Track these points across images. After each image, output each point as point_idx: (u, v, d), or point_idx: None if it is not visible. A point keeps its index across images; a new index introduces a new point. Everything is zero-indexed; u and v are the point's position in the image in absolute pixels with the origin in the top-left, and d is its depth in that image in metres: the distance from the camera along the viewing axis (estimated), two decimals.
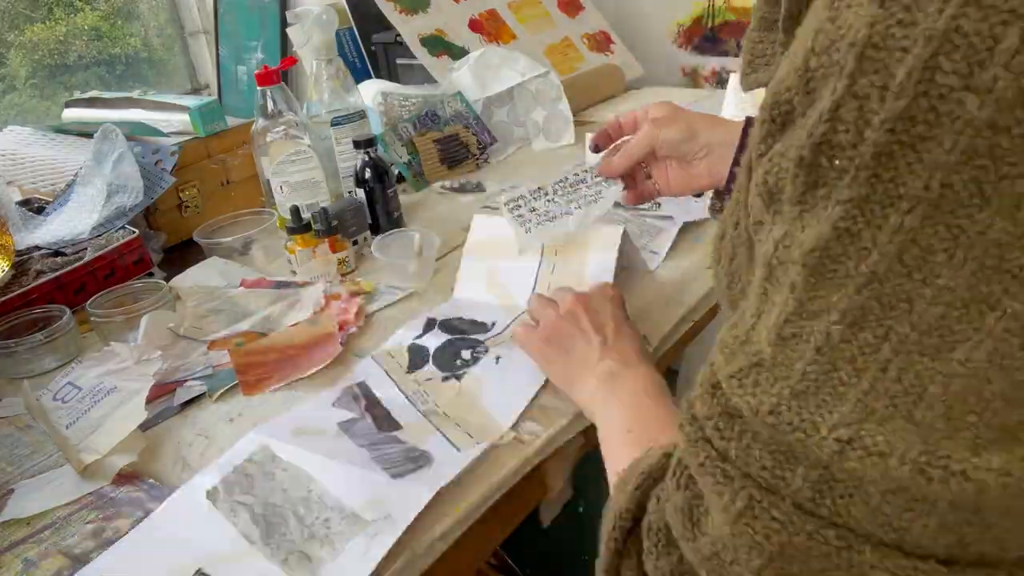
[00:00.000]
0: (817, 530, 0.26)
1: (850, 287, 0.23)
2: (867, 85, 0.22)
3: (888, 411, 0.24)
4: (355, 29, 1.60)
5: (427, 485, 0.59)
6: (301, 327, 0.86)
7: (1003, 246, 0.21)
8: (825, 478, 0.25)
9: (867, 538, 0.26)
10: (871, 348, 0.24)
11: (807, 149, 0.24)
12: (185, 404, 0.77)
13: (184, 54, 1.85)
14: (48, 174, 1.19)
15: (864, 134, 0.22)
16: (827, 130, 0.23)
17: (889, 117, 0.21)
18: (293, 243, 0.98)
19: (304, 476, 0.62)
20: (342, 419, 0.69)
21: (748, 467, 0.27)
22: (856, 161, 0.22)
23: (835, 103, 0.23)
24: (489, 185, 1.25)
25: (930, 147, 0.21)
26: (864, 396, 0.24)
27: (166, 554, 0.57)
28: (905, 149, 0.21)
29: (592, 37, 1.68)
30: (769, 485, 0.27)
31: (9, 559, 0.59)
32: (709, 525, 0.29)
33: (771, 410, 0.26)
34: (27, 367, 0.85)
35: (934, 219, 0.22)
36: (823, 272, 0.24)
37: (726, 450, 0.28)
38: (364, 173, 1.05)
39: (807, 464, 0.26)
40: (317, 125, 1.14)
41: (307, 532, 0.57)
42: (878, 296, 0.23)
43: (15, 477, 0.69)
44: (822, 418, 0.25)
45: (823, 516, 0.26)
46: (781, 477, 0.26)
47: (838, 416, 0.24)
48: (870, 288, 0.23)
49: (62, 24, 1.63)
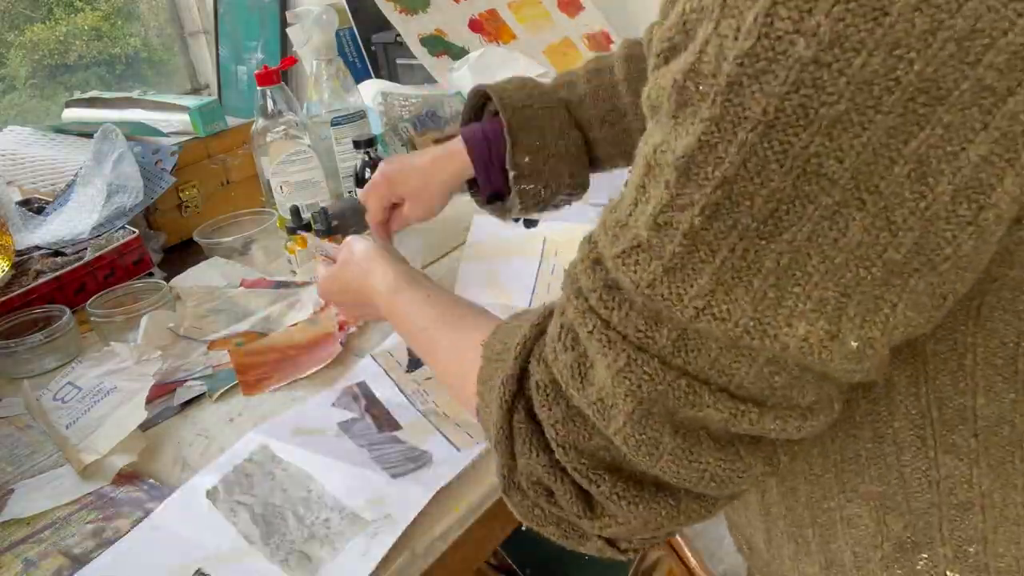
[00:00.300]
0: (674, 379, 0.34)
1: (708, 187, 0.30)
2: (726, 27, 0.28)
3: (733, 282, 0.31)
4: (355, 29, 1.60)
5: (427, 485, 0.59)
6: (301, 327, 0.86)
7: (820, 156, 0.28)
8: (682, 337, 0.33)
9: (707, 384, 0.34)
10: (722, 234, 0.30)
11: (680, 75, 0.30)
12: (185, 404, 0.77)
13: (184, 54, 1.85)
14: (48, 174, 1.19)
15: (722, 66, 0.28)
16: (695, 61, 0.29)
17: (739, 54, 0.27)
18: (293, 243, 0.98)
19: (304, 476, 0.62)
20: (342, 419, 0.69)
21: (626, 330, 0.34)
22: (714, 88, 0.28)
23: (705, 39, 0.29)
24: None
25: (768, 79, 0.27)
26: (717, 271, 0.31)
27: (166, 554, 0.57)
28: (750, 80, 0.27)
29: (592, 37, 1.68)
30: (641, 344, 0.34)
31: (9, 559, 0.59)
32: (594, 377, 0.37)
33: (648, 284, 0.33)
34: (27, 367, 0.85)
35: (769, 136, 0.28)
36: (688, 174, 0.30)
37: (608, 318, 0.35)
38: (364, 173, 1.05)
39: (669, 326, 0.33)
40: (317, 125, 1.14)
41: (307, 532, 0.57)
42: (728, 195, 0.29)
43: (15, 477, 0.69)
44: (684, 291, 0.32)
45: (678, 367, 0.34)
46: (651, 337, 0.34)
47: (696, 288, 0.31)
48: (722, 188, 0.29)
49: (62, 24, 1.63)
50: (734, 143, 0.29)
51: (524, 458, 0.41)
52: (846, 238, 0.29)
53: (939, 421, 0.41)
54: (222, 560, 0.56)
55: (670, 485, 0.38)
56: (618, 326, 0.35)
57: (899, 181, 0.28)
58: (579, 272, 0.37)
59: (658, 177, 0.32)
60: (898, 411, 0.41)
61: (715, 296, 0.31)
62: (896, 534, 0.44)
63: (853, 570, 0.46)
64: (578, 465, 0.39)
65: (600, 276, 0.35)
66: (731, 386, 0.34)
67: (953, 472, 0.41)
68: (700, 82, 0.29)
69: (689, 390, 0.34)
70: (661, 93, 0.31)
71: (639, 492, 0.38)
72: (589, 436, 0.38)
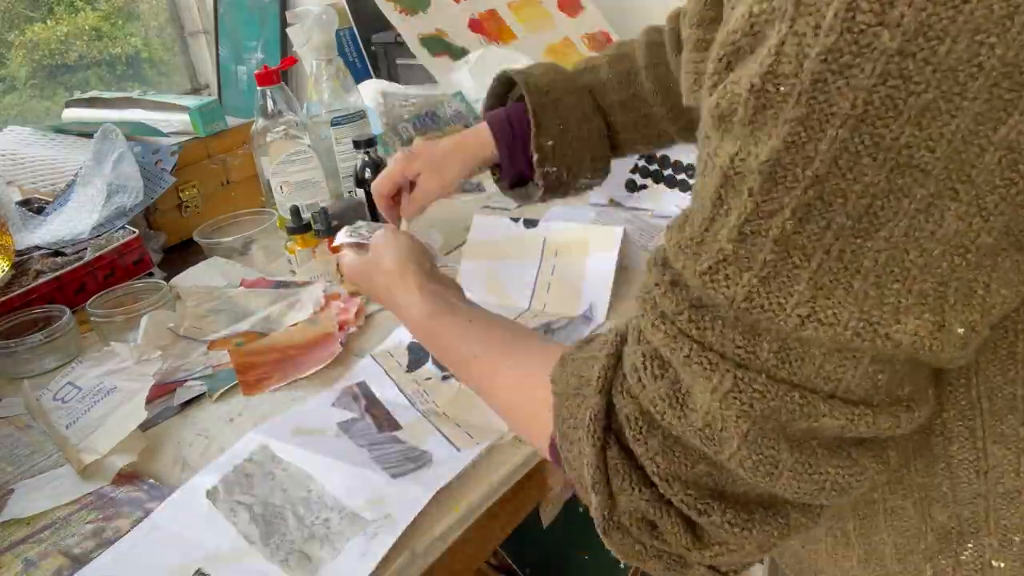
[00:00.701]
0: (785, 393, 0.33)
1: (798, 189, 0.30)
2: (804, 25, 0.28)
3: (832, 285, 0.31)
4: (355, 29, 1.60)
5: (427, 485, 0.59)
6: (301, 327, 0.86)
7: (912, 147, 0.28)
8: (784, 347, 0.33)
9: (816, 392, 0.33)
10: (816, 236, 0.30)
11: (757, 78, 0.29)
12: (185, 404, 0.77)
13: (184, 54, 1.85)
14: (48, 174, 1.19)
15: (803, 65, 0.28)
16: (773, 62, 0.29)
17: (822, 50, 0.27)
18: (293, 243, 0.98)
19: (304, 476, 0.62)
20: (342, 419, 0.69)
21: (724, 349, 0.34)
22: (797, 87, 0.28)
23: (780, 40, 0.28)
24: (489, 185, 1.25)
25: (855, 73, 0.27)
26: (814, 275, 0.31)
27: (166, 554, 0.57)
28: (835, 75, 0.28)
29: (592, 37, 1.68)
30: (742, 361, 0.33)
31: (9, 559, 0.59)
32: (694, 403, 0.36)
33: (745, 297, 0.32)
34: (27, 367, 0.85)
35: (860, 130, 0.28)
36: (775, 178, 0.30)
37: (703, 339, 0.34)
38: (364, 173, 1.05)
39: (769, 339, 0.33)
40: (317, 125, 1.14)
41: (307, 532, 0.57)
42: (820, 194, 0.29)
43: (15, 477, 0.69)
44: (785, 299, 0.31)
45: (784, 379, 0.33)
46: (752, 352, 0.33)
47: (796, 296, 0.31)
48: (814, 188, 0.29)
49: (62, 24, 1.63)
50: (824, 140, 0.28)
51: (625, 495, 0.39)
52: (943, 229, 0.29)
53: (989, 411, 0.40)
54: (222, 560, 0.56)
55: (776, 502, 0.38)
56: (715, 345, 0.34)
57: (990, 169, 0.28)
58: (657, 296, 0.36)
59: (739, 187, 0.31)
60: (948, 402, 0.40)
61: (817, 302, 0.31)
62: (940, 524, 0.44)
63: (894, 562, 0.46)
64: (684, 497, 0.38)
65: (684, 297, 0.35)
66: (839, 391, 0.34)
67: (1001, 462, 0.41)
68: (780, 83, 0.29)
69: (803, 401, 0.33)
70: (735, 100, 0.31)
71: (749, 516, 0.37)
72: (692, 465, 0.37)
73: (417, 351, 0.79)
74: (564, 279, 0.84)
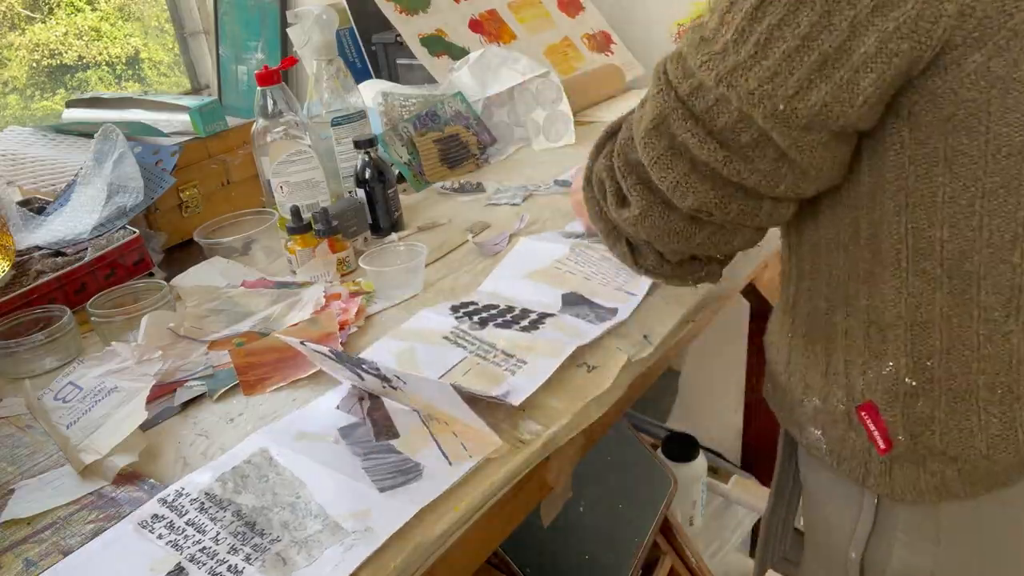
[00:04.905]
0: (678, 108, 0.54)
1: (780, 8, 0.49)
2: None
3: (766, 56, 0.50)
4: (355, 29, 1.60)
5: (412, 500, 0.59)
6: (301, 327, 0.86)
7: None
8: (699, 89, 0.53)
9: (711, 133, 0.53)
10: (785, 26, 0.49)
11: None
12: (185, 404, 0.77)
13: (184, 54, 1.85)
14: (48, 174, 1.19)
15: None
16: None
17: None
18: (293, 243, 0.98)
19: (296, 482, 0.63)
20: (343, 424, 0.69)
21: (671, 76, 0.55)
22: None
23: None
24: (489, 185, 1.25)
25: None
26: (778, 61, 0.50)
27: (146, 548, 0.58)
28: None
29: (592, 37, 1.68)
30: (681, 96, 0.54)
31: (9, 559, 0.59)
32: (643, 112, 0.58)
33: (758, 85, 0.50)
34: (28, 367, 0.85)
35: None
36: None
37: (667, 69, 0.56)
38: (364, 173, 1.05)
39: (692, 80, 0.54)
40: (317, 125, 1.14)
41: (289, 537, 0.57)
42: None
43: (16, 477, 0.69)
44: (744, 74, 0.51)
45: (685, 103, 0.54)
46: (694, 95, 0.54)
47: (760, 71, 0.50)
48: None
49: (62, 24, 1.63)
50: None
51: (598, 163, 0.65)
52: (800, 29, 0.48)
53: (913, 248, 0.53)
54: (201, 557, 0.56)
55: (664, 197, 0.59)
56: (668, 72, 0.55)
57: None
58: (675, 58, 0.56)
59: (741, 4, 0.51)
60: (885, 234, 0.54)
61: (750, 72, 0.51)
62: (874, 347, 0.59)
63: (843, 375, 0.62)
64: (621, 165, 0.61)
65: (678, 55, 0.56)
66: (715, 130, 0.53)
67: (919, 292, 0.55)
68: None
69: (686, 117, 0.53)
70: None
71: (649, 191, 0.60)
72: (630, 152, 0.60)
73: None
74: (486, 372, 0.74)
